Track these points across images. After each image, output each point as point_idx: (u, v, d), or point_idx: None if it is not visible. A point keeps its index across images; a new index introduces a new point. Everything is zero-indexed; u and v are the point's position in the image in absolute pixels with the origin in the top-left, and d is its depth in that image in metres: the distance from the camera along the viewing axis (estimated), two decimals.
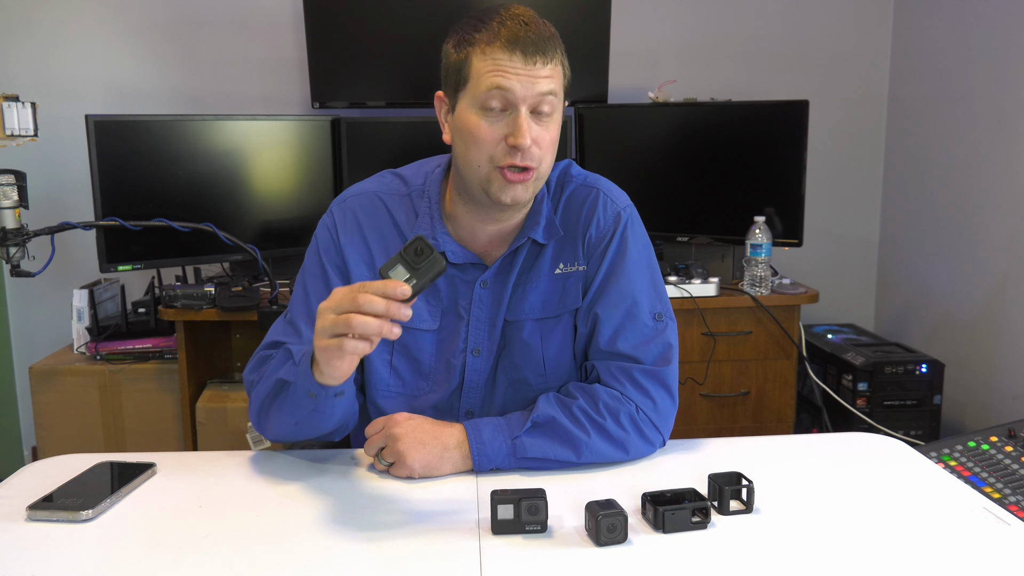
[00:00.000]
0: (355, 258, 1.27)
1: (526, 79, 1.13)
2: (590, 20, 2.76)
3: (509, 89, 1.13)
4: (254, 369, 1.26)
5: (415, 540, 0.97)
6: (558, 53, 1.17)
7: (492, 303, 1.28)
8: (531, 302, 1.28)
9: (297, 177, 2.62)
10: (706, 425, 2.57)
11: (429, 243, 0.98)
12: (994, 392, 2.62)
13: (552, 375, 1.29)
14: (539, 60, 1.13)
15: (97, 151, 2.31)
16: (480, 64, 1.14)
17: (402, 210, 1.28)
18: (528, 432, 1.16)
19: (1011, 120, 2.52)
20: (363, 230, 1.28)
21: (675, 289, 2.47)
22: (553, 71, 1.15)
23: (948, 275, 2.83)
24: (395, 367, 1.29)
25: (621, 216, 1.29)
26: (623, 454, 1.19)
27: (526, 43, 1.13)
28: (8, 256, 2.19)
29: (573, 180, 1.32)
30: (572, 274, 1.28)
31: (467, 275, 1.27)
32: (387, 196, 1.29)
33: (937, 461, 1.80)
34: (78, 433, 2.51)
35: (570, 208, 1.30)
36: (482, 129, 1.15)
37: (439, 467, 1.14)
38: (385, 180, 1.32)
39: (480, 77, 1.14)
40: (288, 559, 0.93)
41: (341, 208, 1.29)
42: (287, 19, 2.92)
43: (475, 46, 1.15)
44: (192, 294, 2.37)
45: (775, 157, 2.60)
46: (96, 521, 1.02)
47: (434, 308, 1.28)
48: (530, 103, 1.14)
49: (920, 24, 2.97)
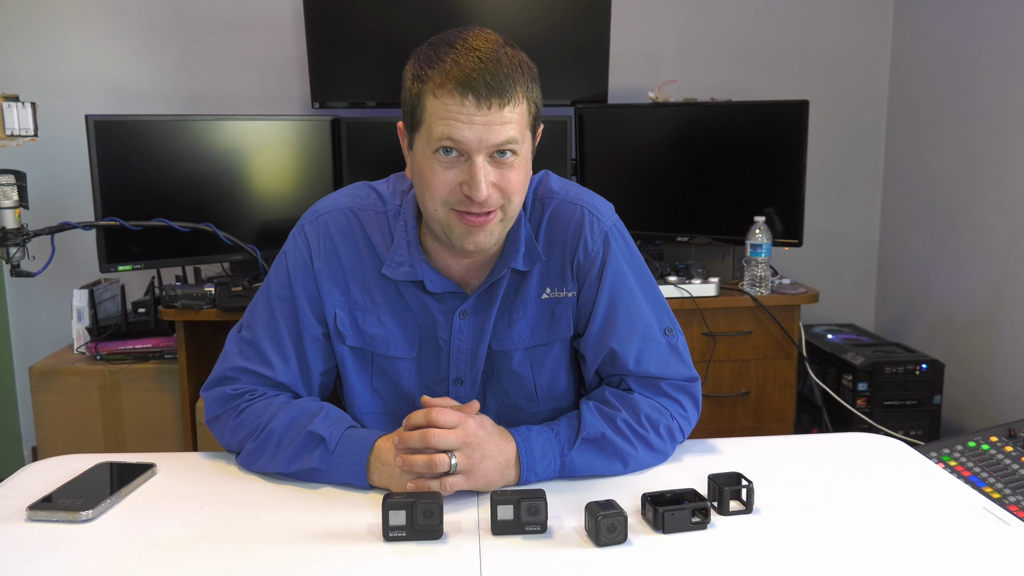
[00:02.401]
0: (328, 284, 1.21)
1: (480, 127, 1.04)
2: (590, 20, 2.76)
3: (460, 140, 1.05)
4: (220, 402, 1.21)
5: (415, 540, 0.97)
6: (520, 89, 1.07)
7: (474, 333, 1.23)
8: (519, 331, 1.23)
9: (297, 177, 2.62)
10: (706, 425, 2.57)
11: (441, 508, 0.97)
12: (994, 392, 2.61)
13: (545, 401, 1.28)
14: (495, 103, 1.04)
15: (97, 151, 2.31)
16: (432, 107, 1.06)
17: (378, 230, 1.21)
18: (578, 449, 1.14)
19: (1011, 120, 2.52)
20: (338, 253, 1.21)
21: (675, 289, 2.47)
22: (512, 113, 1.06)
23: (948, 275, 2.83)
24: (375, 389, 1.26)
25: (609, 237, 1.22)
26: (661, 460, 1.20)
27: (479, 85, 1.03)
28: (8, 256, 2.19)
29: (554, 196, 1.23)
30: (561, 300, 1.23)
31: (445, 304, 1.22)
32: (363, 212, 1.22)
33: (937, 461, 1.80)
34: (78, 433, 2.51)
35: (554, 228, 1.22)
36: (437, 175, 1.08)
37: (496, 484, 1.10)
38: (361, 195, 1.25)
39: (432, 123, 1.07)
40: (288, 559, 0.93)
41: (315, 226, 1.23)
42: (287, 19, 2.92)
43: (427, 84, 1.06)
44: (192, 294, 2.37)
45: (775, 157, 2.60)
46: (96, 521, 1.02)
47: (411, 335, 1.23)
48: (486, 151, 1.07)
49: (920, 24, 2.97)
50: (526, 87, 1.09)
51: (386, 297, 1.22)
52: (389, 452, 1.09)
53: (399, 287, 1.22)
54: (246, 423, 1.17)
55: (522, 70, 1.08)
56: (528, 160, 1.13)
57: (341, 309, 1.23)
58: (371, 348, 1.24)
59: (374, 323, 1.23)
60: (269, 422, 1.15)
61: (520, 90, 1.07)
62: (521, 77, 1.08)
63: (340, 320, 1.23)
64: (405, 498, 0.97)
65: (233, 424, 1.18)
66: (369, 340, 1.23)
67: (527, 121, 1.10)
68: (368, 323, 1.23)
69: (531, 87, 1.10)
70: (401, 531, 0.96)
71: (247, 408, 1.19)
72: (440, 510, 0.97)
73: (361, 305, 1.23)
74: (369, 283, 1.22)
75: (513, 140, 1.07)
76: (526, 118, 1.10)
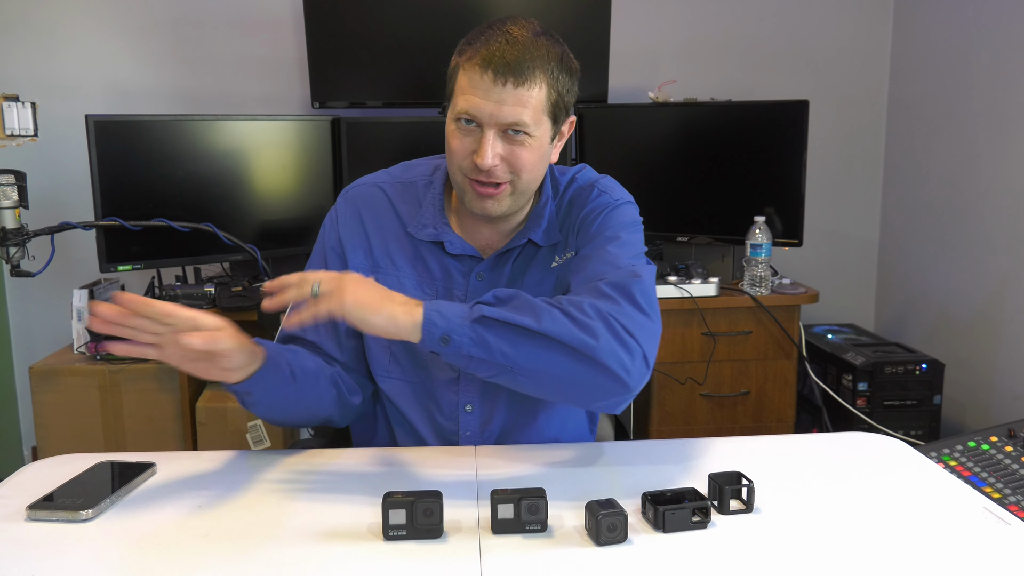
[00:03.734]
0: (352, 245, 1.29)
1: (493, 104, 1.13)
2: (590, 20, 2.76)
3: (474, 114, 1.14)
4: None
5: (415, 539, 0.97)
6: (540, 73, 1.14)
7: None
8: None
9: (297, 177, 2.62)
10: (706, 425, 2.57)
11: (442, 507, 0.97)
12: (994, 392, 2.61)
13: None
14: (510, 82, 1.12)
15: (97, 151, 2.31)
16: (460, 80, 1.16)
17: (405, 200, 1.30)
18: (488, 301, 1.09)
19: (1011, 120, 2.52)
20: (363, 219, 1.30)
21: (675, 289, 2.47)
22: (528, 93, 1.14)
23: (948, 275, 2.83)
24: (394, 353, 1.29)
25: (610, 203, 1.27)
26: (591, 340, 1.05)
27: (499, 64, 1.12)
28: (8, 256, 2.19)
29: (577, 183, 1.32)
30: (564, 263, 1.29)
31: (464, 266, 1.28)
32: (390, 186, 1.32)
33: (937, 461, 1.80)
34: (78, 433, 2.51)
35: (571, 208, 1.30)
36: (455, 140, 1.18)
37: (375, 309, 1.04)
38: (393, 172, 1.35)
39: (457, 94, 1.17)
40: (288, 559, 0.93)
41: (344, 199, 1.33)
42: (287, 19, 2.92)
43: (462, 58, 1.16)
44: (192, 294, 2.37)
45: (775, 157, 2.60)
46: (96, 521, 1.02)
47: (429, 296, 1.28)
48: (497, 127, 1.15)
49: (920, 24, 2.97)
50: (549, 73, 1.15)
51: (408, 260, 1.29)
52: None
53: (421, 249, 1.28)
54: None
55: (549, 57, 1.15)
56: (543, 144, 1.19)
57: (364, 271, 1.28)
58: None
59: (393, 284, 1.26)
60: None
61: (540, 74, 1.14)
62: (545, 63, 1.15)
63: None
64: (405, 497, 0.97)
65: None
66: None
67: (545, 106, 1.16)
68: (388, 284, 1.23)
69: (556, 75, 1.16)
70: (401, 530, 0.96)
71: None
72: (440, 509, 0.97)
73: (382, 267, 1.29)
74: (391, 246, 1.29)
75: (523, 124, 1.14)
76: (544, 103, 1.16)
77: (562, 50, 1.19)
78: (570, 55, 1.20)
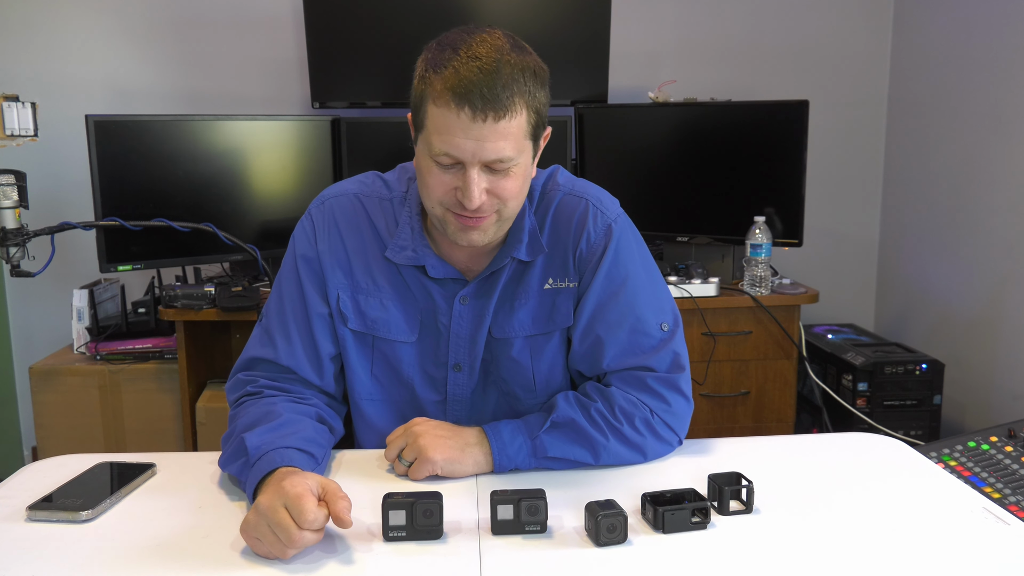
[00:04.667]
0: (331, 264, 1.24)
1: (474, 142, 1.06)
2: (590, 20, 2.76)
3: (455, 155, 1.07)
4: (232, 391, 1.24)
5: (415, 540, 0.97)
6: (519, 99, 1.06)
7: (473, 319, 1.25)
8: (520, 319, 1.24)
9: (297, 177, 2.62)
10: (706, 425, 2.57)
11: (441, 508, 0.97)
12: (994, 392, 2.61)
13: (542, 391, 1.28)
14: (490, 116, 1.04)
15: (97, 151, 2.31)
16: (432, 115, 1.08)
17: (382, 215, 1.24)
18: (548, 432, 1.16)
19: (1011, 120, 2.52)
20: (341, 234, 1.24)
21: (675, 289, 2.47)
22: (509, 125, 1.06)
23: (948, 275, 2.83)
24: (375, 375, 1.27)
25: (612, 229, 1.23)
26: (640, 457, 1.19)
27: (475, 98, 1.03)
28: (8, 256, 2.19)
29: (560, 190, 1.25)
30: (562, 290, 1.24)
31: (447, 289, 1.24)
32: (368, 199, 1.25)
33: (937, 461, 1.80)
34: (78, 433, 2.51)
35: (559, 221, 1.24)
36: (434, 176, 1.11)
37: (461, 462, 1.13)
38: (367, 182, 1.28)
39: (430, 132, 1.09)
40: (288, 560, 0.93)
41: (320, 210, 1.26)
42: (287, 19, 2.92)
43: (429, 88, 1.08)
44: (192, 294, 2.37)
45: (775, 157, 2.60)
46: (96, 521, 1.02)
47: (412, 319, 1.25)
48: (480, 164, 1.08)
49: (920, 24, 2.97)
50: (527, 95, 1.08)
51: (389, 281, 1.25)
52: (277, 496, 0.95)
53: (402, 271, 1.25)
54: (233, 420, 1.18)
55: (524, 77, 1.07)
56: (527, 167, 1.14)
57: (344, 291, 1.25)
58: (372, 332, 1.25)
59: (376, 306, 1.24)
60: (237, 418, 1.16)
61: (519, 100, 1.07)
62: (522, 85, 1.07)
63: (343, 302, 1.25)
64: (405, 498, 0.97)
65: (231, 416, 1.20)
66: (371, 323, 1.25)
67: (526, 131, 1.10)
68: (370, 306, 1.25)
69: (534, 93, 1.09)
70: (401, 531, 0.96)
71: (244, 404, 1.19)
72: (440, 510, 0.97)
73: (364, 288, 1.25)
74: (372, 267, 1.25)
75: (507, 158, 1.08)
76: (525, 128, 1.09)
77: (531, 60, 1.10)
78: (539, 62, 1.11)
